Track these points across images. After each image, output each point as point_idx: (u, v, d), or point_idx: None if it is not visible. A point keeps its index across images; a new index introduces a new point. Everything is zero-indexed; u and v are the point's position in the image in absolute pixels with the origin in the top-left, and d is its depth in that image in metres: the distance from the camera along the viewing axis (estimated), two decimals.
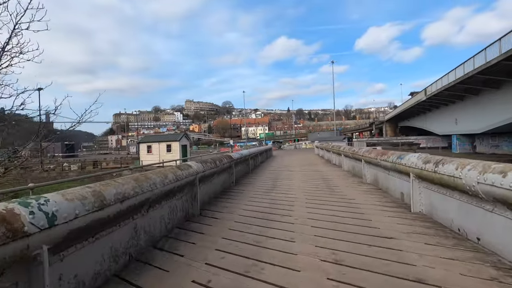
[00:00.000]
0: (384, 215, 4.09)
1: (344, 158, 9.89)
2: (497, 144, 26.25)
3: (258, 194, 6.04)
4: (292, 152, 30.95)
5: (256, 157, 13.05)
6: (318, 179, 8.09)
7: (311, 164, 12.99)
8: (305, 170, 10.72)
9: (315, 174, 9.19)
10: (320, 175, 8.95)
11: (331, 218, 3.99)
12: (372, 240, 3.08)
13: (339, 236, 3.25)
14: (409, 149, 24.30)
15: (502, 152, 25.53)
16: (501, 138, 25.82)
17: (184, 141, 28.75)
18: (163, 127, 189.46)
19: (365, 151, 6.73)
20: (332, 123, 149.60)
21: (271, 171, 10.72)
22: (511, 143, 25.33)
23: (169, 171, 3.56)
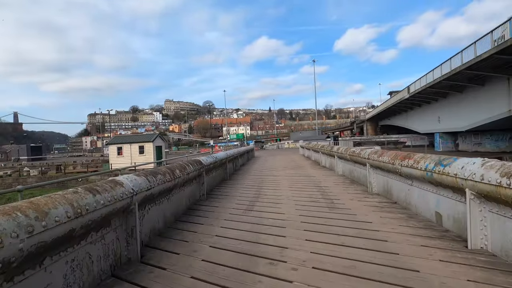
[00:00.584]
0: (427, 253, 2.64)
1: (338, 160, 8.49)
2: (479, 142, 26.18)
3: (235, 213, 4.45)
4: (275, 152, 29.57)
5: (236, 159, 11.44)
6: (311, 187, 6.61)
7: (298, 167, 11.56)
8: (292, 174, 9.24)
9: (305, 180, 7.71)
10: (312, 181, 7.48)
11: (347, 263, 2.49)
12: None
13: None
14: (395, 147, 23.65)
15: (485, 150, 25.44)
16: (483, 136, 25.75)
17: (158, 142, 26.53)
18: (141, 127, 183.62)
19: (371, 153, 5.32)
20: (313, 123, 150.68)
21: (253, 176, 9.17)
22: (493, 140, 25.32)
23: (59, 199, 1.88)
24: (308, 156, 15.98)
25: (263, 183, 7.53)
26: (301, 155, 18.84)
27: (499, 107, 18.50)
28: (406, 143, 26.30)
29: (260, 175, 9.30)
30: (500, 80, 18.02)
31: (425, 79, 25.23)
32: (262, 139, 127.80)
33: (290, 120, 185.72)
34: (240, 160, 13.16)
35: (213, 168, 6.73)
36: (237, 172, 10.49)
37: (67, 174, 26.03)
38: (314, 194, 5.66)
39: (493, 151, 24.91)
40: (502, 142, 24.82)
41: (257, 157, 19.49)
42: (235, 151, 11.24)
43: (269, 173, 9.79)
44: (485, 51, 15.15)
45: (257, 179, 8.42)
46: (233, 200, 5.46)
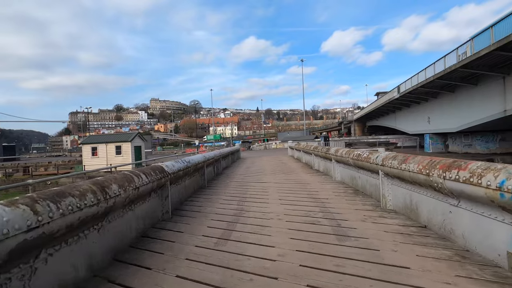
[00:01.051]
0: None
1: (335, 165, 7.25)
2: (470, 143, 25.81)
3: (204, 245, 3.09)
4: (263, 153, 28.28)
5: (217, 162, 10.05)
6: (307, 198, 5.32)
7: (289, 171, 10.28)
8: (283, 180, 7.95)
9: (299, 189, 6.42)
10: (307, 190, 6.20)
11: None
12: None
13: None
14: (386, 149, 22.85)
15: (475, 151, 25.07)
16: (474, 137, 25.39)
17: (137, 141, 24.66)
18: (125, 126, 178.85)
19: (388, 159, 4.07)
20: (300, 123, 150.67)
21: (236, 183, 7.81)
22: (483, 142, 24.97)
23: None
24: (298, 157, 14.77)
25: (247, 192, 6.19)
26: (290, 157, 17.62)
27: (493, 107, 17.91)
28: (397, 144, 25.63)
29: (244, 182, 7.95)
30: (495, 79, 17.43)
31: (417, 78, 24.59)
32: (249, 139, 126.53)
33: (277, 120, 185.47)
34: (223, 162, 11.78)
35: (183, 175, 5.34)
36: (218, 177, 9.10)
37: (34, 176, 23.78)
38: (313, 211, 4.37)
39: (483, 152, 24.58)
40: (492, 144, 24.51)
41: (243, 159, 18.14)
42: (217, 153, 9.84)
43: (256, 179, 8.46)
44: (484, 47, 14.38)
45: (241, 186, 7.07)
46: (206, 220, 4.11)
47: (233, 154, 15.64)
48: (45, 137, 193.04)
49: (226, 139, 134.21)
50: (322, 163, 9.19)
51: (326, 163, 8.44)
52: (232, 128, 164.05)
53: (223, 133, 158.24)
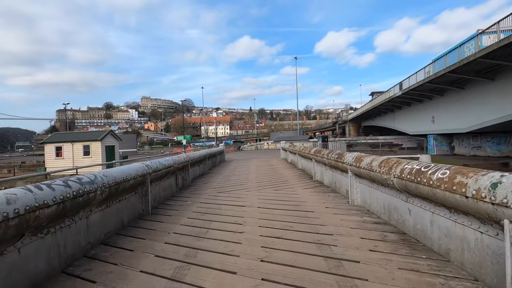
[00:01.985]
0: None
1: (355, 181, 4.62)
2: (479, 145, 23.62)
3: None
4: (252, 154, 25.56)
5: (184, 170, 7.33)
6: (317, 258, 2.64)
7: (280, 183, 7.64)
8: (271, 202, 5.31)
9: (298, 226, 3.74)
10: (312, 228, 3.55)
11: None
12: None
13: None
14: (390, 150, 20.52)
15: (485, 154, 22.90)
16: (483, 138, 23.20)
17: (109, 140, 21.61)
18: (114, 125, 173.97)
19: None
20: (294, 123, 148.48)
21: (200, 208, 5.10)
22: (495, 144, 22.78)
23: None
24: (293, 162, 12.17)
25: (207, 234, 3.50)
26: (283, 160, 15.01)
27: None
28: (402, 145, 23.38)
29: (214, 204, 5.28)
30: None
31: (423, 73, 22.27)
32: (242, 139, 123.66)
33: (270, 120, 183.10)
34: (196, 169, 9.08)
35: (109, 198, 2.65)
36: (181, 193, 6.41)
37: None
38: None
39: (494, 155, 22.43)
40: (504, 146, 22.35)
41: (227, 162, 15.43)
42: (182, 158, 7.12)
43: (232, 198, 5.80)
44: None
45: (203, 217, 4.38)
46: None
47: (214, 157, 12.93)
48: (32, 135, 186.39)
49: (218, 139, 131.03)
50: (327, 174, 6.57)
51: (336, 175, 5.84)
52: (224, 127, 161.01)
53: (215, 133, 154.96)
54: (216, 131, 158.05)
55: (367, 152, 20.43)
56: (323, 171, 6.85)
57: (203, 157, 9.88)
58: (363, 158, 4.16)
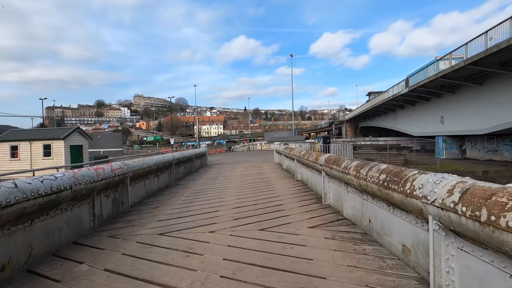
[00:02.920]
0: None
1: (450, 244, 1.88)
2: (495, 149, 21.25)
3: None
4: (243, 156, 22.78)
5: (120, 186, 4.57)
6: None
7: (273, 208, 4.92)
8: (253, 267, 2.53)
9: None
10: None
11: None
12: None
13: None
14: (398, 154, 18.03)
15: (502, 159, 20.53)
16: (500, 140, 20.82)
17: (76, 139, 18.56)
18: (105, 123, 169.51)
19: None
20: (288, 123, 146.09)
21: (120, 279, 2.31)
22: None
23: None
24: (290, 169, 9.50)
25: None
26: (276, 165, 12.32)
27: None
28: (412, 147, 20.98)
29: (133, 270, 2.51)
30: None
31: (435, 67, 19.82)
32: (235, 138, 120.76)
33: (265, 120, 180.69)
34: (155, 181, 6.33)
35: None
36: (99, 233, 3.64)
37: None
38: None
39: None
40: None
41: (209, 167, 12.67)
42: (129, 166, 4.42)
43: (176, 253, 3.03)
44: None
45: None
46: None
47: (190, 162, 10.15)
48: None
49: (210, 138, 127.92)
50: (350, 199, 3.86)
51: (367, 203, 3.14)
52: (218, 127, 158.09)
53: (209, 133, 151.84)
54: (210, 130, 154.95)
55: (373, 156, 17.89)
56: (343, 194, 4.13)
57: (168, 162, 7.09)
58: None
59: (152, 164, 6.10)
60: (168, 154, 7.62)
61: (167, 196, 6.04)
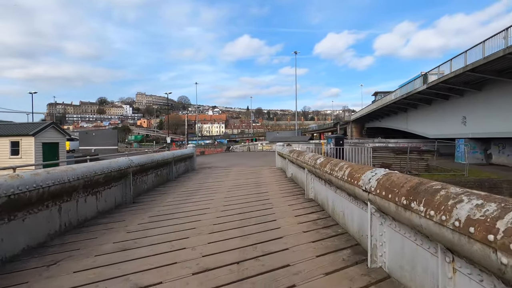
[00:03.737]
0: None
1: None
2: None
3: None
4: (241, 158, 20.39)
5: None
6: None
7: (274, 258, 2.47)
8: None
9: None
10: None
11: None
12: None
13: None
14: (420, 158, 15.64)
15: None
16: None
17: (50, 136, 16.13)
18: (106, 120, 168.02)
19: None
20: (291, 123, 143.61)
21: None
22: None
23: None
24: (295, 178, 7.18)
25: None
26: (278, 171, 9.94)
27: None
28: (433, 151, 18.54)
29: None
30: None
31: (463, 59, 17.32)
32: (237, 138, 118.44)
33: (267, 120, 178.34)
34: (85, 202, 3.97)
35: None
36: None
37: None
38: None
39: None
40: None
41: (195, 173, 10.27)
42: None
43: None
44: None
45: None
46: None
47: (165, 167, 7.78)
48: None
49: (211, 137, 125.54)
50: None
51: None
52: (220, 126, 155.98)
53: (211, 131, 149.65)
54: (211, 129, 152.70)
55: (390, 160, 15.44)
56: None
57: (96, 177, 4.63)
58: None
59: (82, 175, 3.75)
60: (123, 158, 5.28)
61: (100, 230, 3.68)
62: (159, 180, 7.29)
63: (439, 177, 14.49)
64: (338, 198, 3.72)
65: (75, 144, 55.97)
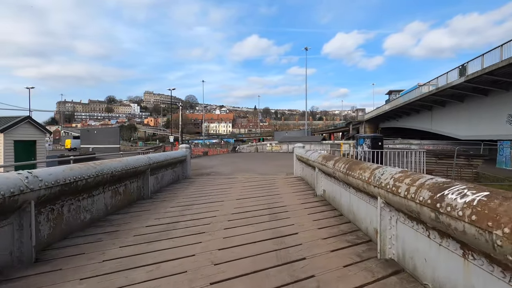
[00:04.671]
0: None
1: None
2: None
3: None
4: (249, 161, 17.64)
5: None
6: None
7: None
8: None
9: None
10: None
11: None
12: None
13: None
14: (468, 164, 12.71)
15: None
16: None
17: (24, 133, 13.64)
18: (114, 118, 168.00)
19: None
20: (299, 123, 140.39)
21: None
22: None
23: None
24: (333, 200, 4.50)
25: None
26: (299, 183, 7.21)
27: None
28: (485, 156, 15.62)
29: None
30: None
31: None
32: (244, 137, 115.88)
33: (275, 119, 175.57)
34: None
35: None
36: None
37: None
38: None
39: None
40: None
41: (188, 183, 7.59)
42: None
43: None
44: None
45: None
46: None
47: (137, 178, 5.15)
48: None
49: (218, 136, 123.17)
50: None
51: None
52: (227, 125, 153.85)
53: (218, 131, 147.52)
54: (218, 128, 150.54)
55: (432, 165, 12.52)
56: None
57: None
58: None
59: None
60: (14, 174, 2.70)
61: None
62: (121, 201, 4.67)
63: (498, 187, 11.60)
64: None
65: (76, 142, 54.20)
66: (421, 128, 33.23)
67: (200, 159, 19.26)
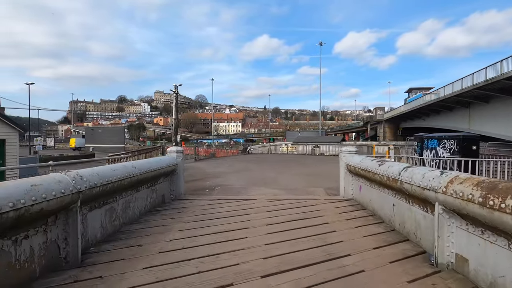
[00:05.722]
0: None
1: None
2: None
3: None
4: (264, 166, 14.53)
5: None
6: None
7: None
8: None
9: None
10: None
11: None
12: None
13: None
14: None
15: None
16: None
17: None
18: (124, 118, 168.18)
19: None
20: (310, 123, 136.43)
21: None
22: None
23: None
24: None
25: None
26: (356, 212, 4.21)
27: None
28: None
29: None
30: None
31: None
32: (254, 137, 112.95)
33: (285, 119, 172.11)
34: None
35: None
36: None
37: None
38: None
39: None
40: None
41: (174, 214, 4.73)
42: None
43: None
44: None
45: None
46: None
47: (61, 218, 2.28)
48: (50, 125, 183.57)
49: (228, 136, 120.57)
50: None
51: None
52: (236, 125, 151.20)
53: (227, 130, 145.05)
54: (228, 128, 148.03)
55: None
56: None
57: None
58: None
59: None
60: None
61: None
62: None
63: None
64: None
65: (81, 141, 52.44)
66: (455, 128, 29.40)
67: (205, 163, 16.39)
